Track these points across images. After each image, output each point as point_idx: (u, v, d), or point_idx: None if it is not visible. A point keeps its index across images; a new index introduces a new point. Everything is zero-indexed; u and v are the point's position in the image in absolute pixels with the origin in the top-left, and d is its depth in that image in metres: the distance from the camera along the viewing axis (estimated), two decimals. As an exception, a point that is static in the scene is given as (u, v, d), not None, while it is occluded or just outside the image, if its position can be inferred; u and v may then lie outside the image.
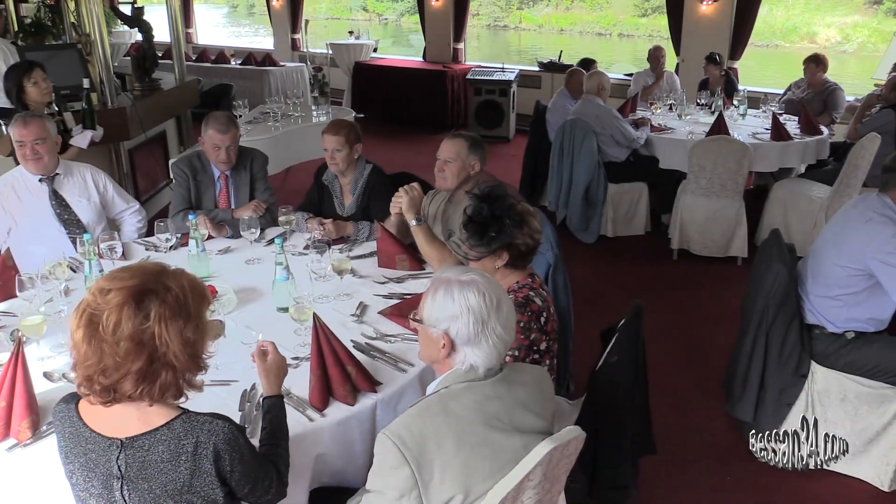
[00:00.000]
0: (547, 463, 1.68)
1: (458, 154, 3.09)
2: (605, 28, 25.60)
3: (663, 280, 5.14)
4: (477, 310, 1.65)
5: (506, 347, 1.70)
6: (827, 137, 5.87)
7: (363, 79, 10.35)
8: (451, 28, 10.15)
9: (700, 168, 5.17)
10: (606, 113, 5.60)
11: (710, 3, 7.98)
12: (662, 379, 3.78)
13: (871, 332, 2.98)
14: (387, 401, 2.18)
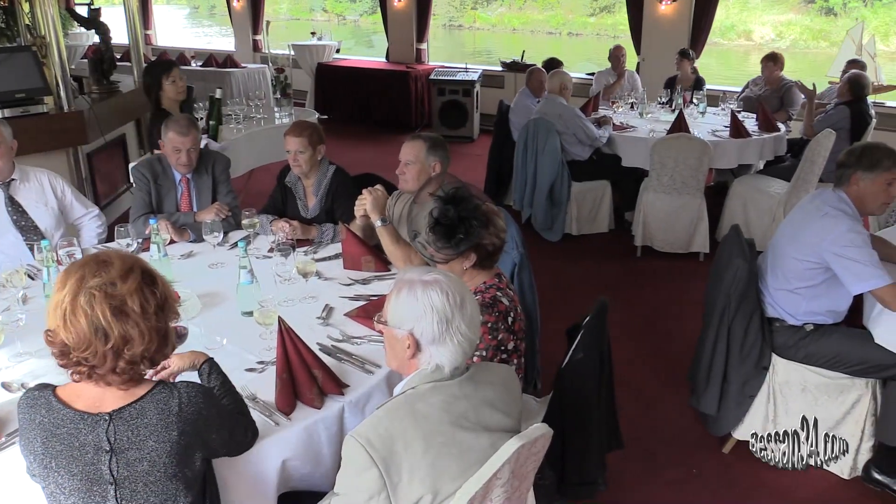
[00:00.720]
0: (515, 461, 1.69)
1: (417, 156, 3.10)
2: (555, 27, 26.25)
3: (627, 277, 5.20)
4: (440, 309, 1.65)
5: (471, 346, 1.70)
6: (784, 134, 5.99)
7: (326, 80, 10.30)
8: (414, 29, 10.16)
9: (661, 166, 5.24)
10: (569, 112, 5.65)
11: (669, 2, 8.09)
12: (628, 374, 3.82)
13: (830, 324, 3.05)
14: (354, 403, 2.17)
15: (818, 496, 3.02)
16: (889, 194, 2.91)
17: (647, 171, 5.45)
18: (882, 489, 3.00)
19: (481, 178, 6.73)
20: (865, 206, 2.94)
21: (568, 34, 25.78)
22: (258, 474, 1.97)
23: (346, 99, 10.18)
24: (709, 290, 3.29)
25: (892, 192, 2.91)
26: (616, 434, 2.74)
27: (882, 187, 2.89)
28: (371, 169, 4.27)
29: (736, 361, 3.08)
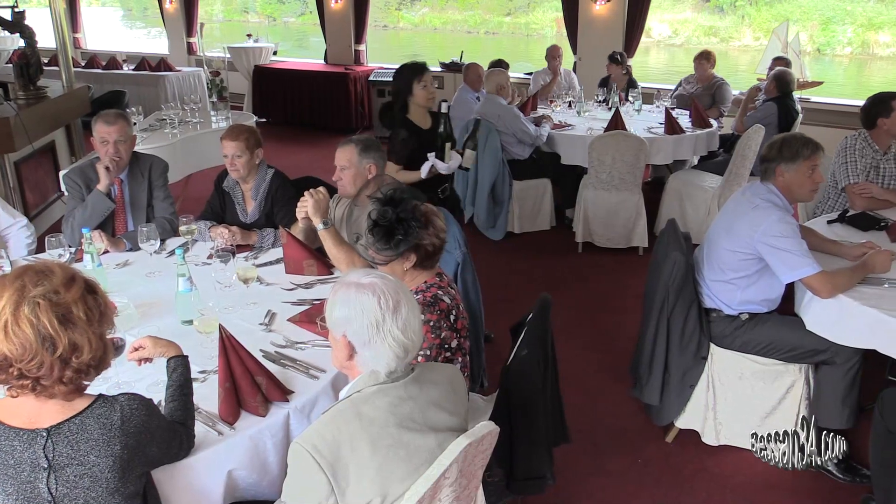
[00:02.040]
0: (462, 460, 1.70)
1: (350, 160, 3.08)
2: (473, 27, 27.17)
3: (570, 272, 5.27)
4: (371, 311, 1.65)
5: (406, 350, 1.68)
6: (716, 130, 6.17)
7: (264, 83, 10.15)
8: (352, 30, 10.10)
9: (600, 163, 5.34)
10: (508, 112, 5.70)
11: (603, 2, 8.23)
12: (572, 368, 3.88)
13: (764, 313, 3.15)
14: (300, 409, 2.15)
15: (757, 479, 3.11)
16: (814, 180, 3.02)
17: (586, 168, 5.54)
18: (817, 469, 3.12)
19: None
20: (794, 194, 3.05)
21: (485, 33, 26.71)
22: (203, 486, 1.94)
23: (284, 102, 10.06)
24: (648, 283, 3.36)
25: (817, 178, 3.03)
26: (562, 428, 2.78)
27: (806, 174, 3.00)
28: (311, 172, 4.24)
29: (676, 352, 3.15)
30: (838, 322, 2.88)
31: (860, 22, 21.29)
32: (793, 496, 3.02)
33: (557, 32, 25.24)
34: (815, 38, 21.86)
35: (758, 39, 22.49)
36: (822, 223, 3.70)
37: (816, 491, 3.04)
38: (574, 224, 5.70)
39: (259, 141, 3.45)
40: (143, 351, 2.04)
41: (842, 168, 4.01)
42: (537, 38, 25.43)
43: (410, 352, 1.69)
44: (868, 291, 2.87)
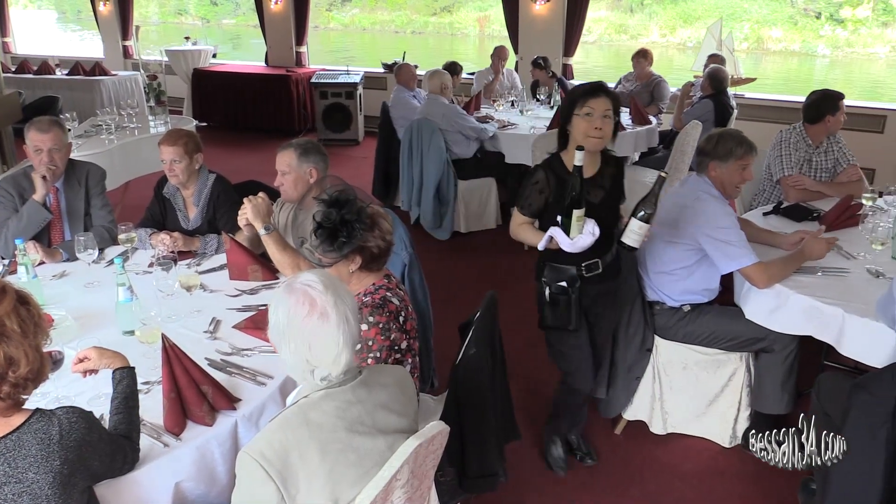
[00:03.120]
0: (413, 461, 1.70)
1: (290, 165, 3.05)
2: (400, 27, 27.85)
3: (517, 270, 5.31)
4: (283, 326, 1.64)
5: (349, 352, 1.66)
6: (655, 127, 6.30)
7: (203, 86, 9.97)
8: (293, 31, 9.99)
9: (543, 161, 5.38)
10: (451, 110, 5.72)
11: (543, 2, 8.33)
12: (521, 366, 3.92)
13: (705, 304, 3.23)
14: (248, 417, 2.12)
15: (703, 466, 3.20)
16: (743, 178, 3.12)
17: (530, 166, 5.59)
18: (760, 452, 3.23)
19: (368, 180, 6.72)
20: (724, 189, 3.14)
21: (412, 33, 27.38)
22: (150, 500, 1.90)
23: (225, 105, 9.89)
24: (593, 278, 3.41)
25: (746, 176, 3.12)
26: (513, 425, 2.80)
27: (736, 173, 3.10)
28: (254, 176, 4.17)
29: (622, 346, 3.21)
30: (775, 310, 2.97)
31: (755, 19, 22.78)
32: (738, 479, 3.11)
33: (480, 32, 26.17)
34: None
35: (664, 36, 23.86)
36: (757, 214, 3.82)
37: (761, 474, 3.14)
38: (520, 222, 5.73)
39: (198, 146, 3.39)
40: (88, 362, 1.99)
41: (777, 161, 4.14)
42: (461, 38, 26.41)
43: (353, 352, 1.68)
44: (803, 280, 2.97)
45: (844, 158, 4.17)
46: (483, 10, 26.71)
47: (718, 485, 3.09)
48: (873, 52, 21.28)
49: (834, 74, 19.81)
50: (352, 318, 1.66)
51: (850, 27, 21.67)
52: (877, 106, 7.66)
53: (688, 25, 23.97)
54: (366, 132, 9.26)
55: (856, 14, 21.31)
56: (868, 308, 2.69)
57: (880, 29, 21.81)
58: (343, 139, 9.07)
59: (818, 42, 22.15)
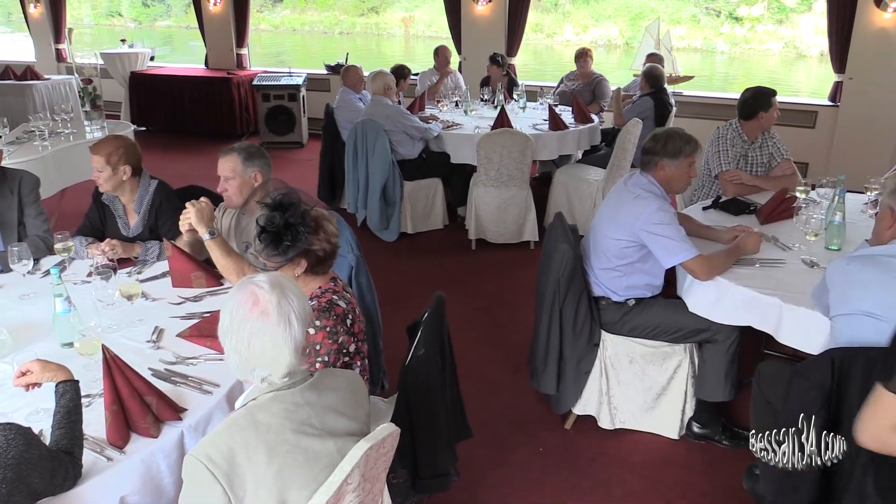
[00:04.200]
0: (364, 464, 1.69)
1: (234, 170, 3.00)
2: (328, 27, 28.26)
3: (464, 270, 5.34)
4: (227, 323, 1.64)
5: (297, 353, 1.66)
6: (598, 125, 6.40)
7: (141, 90, 9.75)
8: (233, 33, 9.84)
9: (488, 160, 5.43)
10: (396, 111, 5.71)
11: (485, 3, 8.37)
12: (471, 364, 3.93)
13: (649, 298, 3.30)
14: (194, 427, 2.08)
15: (653, 457, 3.26)
16: (689, 175, 3.20)
17: (475, 166, 5.62)
18: (705, 441, 3.31)
19: (314, 182, 6.67)
20: (672, 187, 3.22)
21: (339, 33, 27.79)
22: (94, 517, 1.84)
23: (164, 109, 9.69)
24: (539, 276, 3.45)
25: (692, 173, 3.21)
26: (464, 424, 2.82)
27: (685, 169, 3.17)
28: (197, 180, 4.09)
29: (569, 341, 3.25)
30: (717, 302, 3.05)
31: (662, 17, 23.85)
32: (686, 469, 3.18)
33: (406, 32, 26.70)
34: (624, 33, 24.34)
35: (578, 35, 24.71)
36: (697, 209, 3.91)
37: (707, 461, 3.22)
38: (466, 222, 5.77)
39: (129, 157, 3.25)
40: (31, 376, 1.93)
41: (714, 157, 4.25)
42: (387, 38, 26.85)
43: (301, 352, 1.67)
44: (742, 272, 3.05)
45: (779, 153, 4.31)
46: (409, 10, 27.23)
47: (667, 475, 3.16)
48: (768, 49, 22.58)
49: (733, 70, 20.91)
50: (295, 319, 1.64)
51: (747, 25, 22.92)
52: (809, 102, 7.93)
53: (599, 24, 25.02)
54: (310, 134, 9.18)
55: (751, 12, 22.63)
56: (804, 297, 2.77)
57: (775, 26, 23.16)
58: (287, 142, 8.98)
59: (718, 39, 23.40)
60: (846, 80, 7.14)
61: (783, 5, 22.54)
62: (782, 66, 21.68)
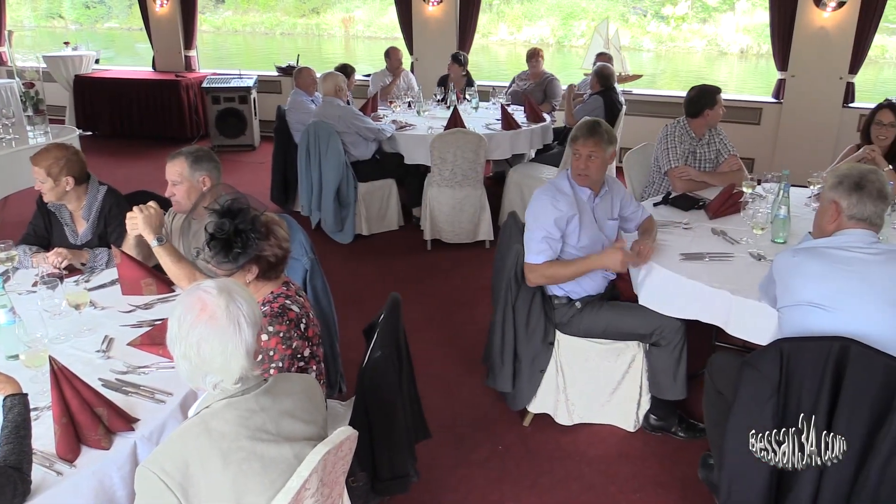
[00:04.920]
0: (322, 468, 1.68)
1: (181, 174, 2.95)
2: (269, 28, 28.36)
3: (420, 270, 5.34)
4: (175, 330, 1.61)
5: (248, 357, 1.64)
6: (550, 124, 6.46)
7: (87, 93, 9.51)
8: (181, 35, 9.67)
9: (442, 160, 5.44)
10: (348, 113, 5.68)
11: (436, 3, 8.38)
12: (428, 365, 3.94)
13: (595, 299, 3.33)
14: (147, 437, 2.04)
15: (610, 451, 3.30)
16: (576, 165, 3.24)
17: (429, 166, 5.63)
18: (662, 433, 3.37)
19: (266, 185, 6.60)
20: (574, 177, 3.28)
21: (281, 34, 27.87)
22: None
23: (111, 113, 9.47)
24: (494, 275, 3.47)
25: (578, 164, 3.23)
26: (422, 424, 2.82)
27: (571, 158, 3.25)
28: (146, 185, 4.01)
29: (524, 340, 3.27)
30: (668, 297, 3.10)
31: (592, 16, 24.64)
32: (643, 461, 3.23)
33: (345, 32, 26.93)
34: (556, 32, 25.07)
35: (512, 34, 25.31)
36: (648, 205, 3.97)
37: (664, 453, 3.27)
38: (421, 222, 5.77)
39: (70, 168, 3.15)
40: None
41: (664, 154, 4.32)
42: (328, 38, 27.04)
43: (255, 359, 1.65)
44: (692, 266, 3.12)
45: (726, 149, 4.41)
46: (348, 10, 27.44)
47: (624, 467, 3.20)
48: (692, 46, 23.49)
49: (661, 67, 21.67)
50: (245, 323, 1.62)
51: (672, 23, 23.73)
52: (753, 99, 8.13)
53: (532, 24, 25.55)
54: (262, 137, 9.07)
55: (676, 12, 23.49)
56: (752, 290, 2.84)
57: (699, 25, 24.14)
58: (238, 145, 8.86)
59: (644, 37, 24.24)
60: (789, 77, 7.33)
61: (706, 5, 23.55)
62: (706, 63, 22.59)
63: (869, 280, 2.30)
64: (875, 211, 2.38)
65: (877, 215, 2.39)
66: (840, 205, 2.41)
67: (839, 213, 2.42)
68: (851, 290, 2.30)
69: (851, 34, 6.94)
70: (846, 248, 2.36)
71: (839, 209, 2.42)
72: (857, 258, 2.33)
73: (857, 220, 2.39)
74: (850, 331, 2.20)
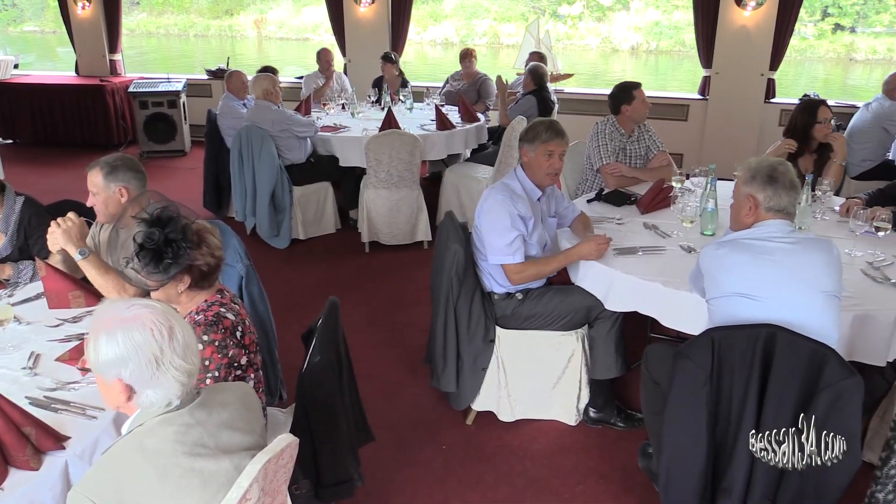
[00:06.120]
0: (263, 478, 1.66)
1: (97, 185, 2.85)
2: (183, 30, 28.50)
3: (359, 273, 5.31)
4: (147, 348, 1.52)
5: (190, 376, 1.60)
6: (484, 123, 6.51)
7: (5, 100, 9.13)
8: (105, 38, 9.38)
9: (377, 162, 5.42)
10: (281, 115, 5.61)
11: (368, 4, 8.35)
12: (371, 367, 3.92)
13: (535, 288, 3.38)
14: (80, 455, 1.97)
15: (552, 444, 3.35)
16: (551, 165, 3.28)
17: (364, 168, 5.60)
18: (601, 424, 3.43)
19: (199, 191, 6.45)
20: (536, 177, 3.32)
21: (195, 36, 28.04)
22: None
23: (33, 119, 9.12)
24: (433, 275, 3.48)
25: (554, 164, 3.28)
26: (365, 428, 2.81)
27: (543, 157, 3.27)
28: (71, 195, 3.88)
29: (465, 339, 3.29)
30: (604, 291, 3.17)
31: (493, 16, 25.60)
32: (585, 453, 3.29)
33: (258, 34, 27.01)
34: (459, 31, 25.69)
35: (419, 34, 25.89)
36: (582, 202, 4.05)
37: (604, 444, 3.33)
38: (359, 225, 5.74)
39: None
40: None
41: (595, 151, 4.40)
42: (241, 39, 27.17)
43: (194, 375, 1.61)
44: (626, 261, 3.18)
45: (655, 146, 4.52)
46: (262, 12, 27.53)
47: (567, 460, 3.25)
48: (587, 44, 24.46)
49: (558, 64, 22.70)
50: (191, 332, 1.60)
51: (569, 22, 24.72)
52: (681, 96, 8.36)
53: (437, 23, 26.22)
54: (193, 142, 8.88)
55: (571, 11, 24.52)
56: (683, 281, 2.92)
57: (594, 23, 25.23)
58: (168, 150, 8.66)
59: None
60: (713, 74, 7.56)
61: (600, 4, 24.74)
62: (601, 59, 23.53)
63: (791, 268, 2.39)
64: (789, 201, 2.48)
65: (790, 205, 2.50)
66: (756, 198, 2.50)
67: (756, 207, 2.51)
68: (775, 279, 2.38)
69: (771, 32, 7.20)
70: (766, 239, 2.45)
71: (756, 202, 2.51)
72: (777, 248, 2.42)
73: (775, 211, 2.49)
74: (777, 318, 2.28)
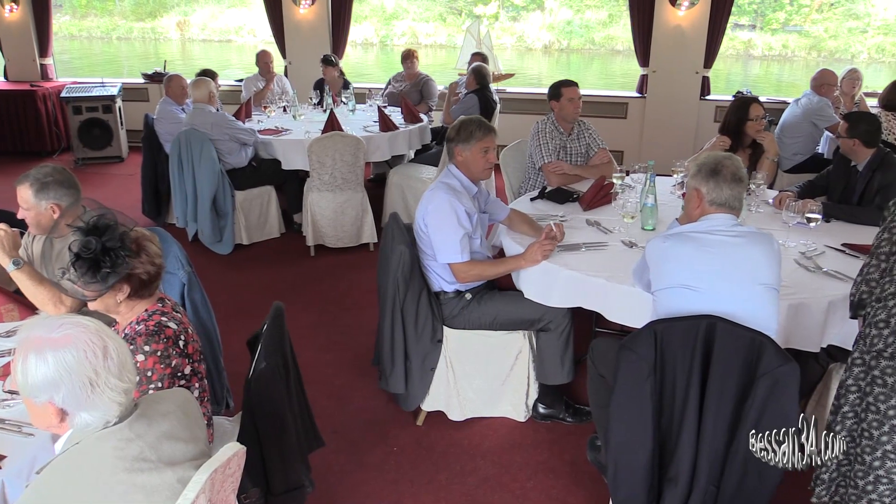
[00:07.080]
0: (210, 488, 1.63)
1: (27, 201, 2.75)
2: (105, 32, 28.08)
3: (305, 277, 5.26)
4: (80, 371, 1.47)
5: (128, 393, 1.55)
6: (427, 124, 6.52)
7: (-71, 107, 8.77)
8: (35, 42, 9.07)
9: (320, 164, 5.38)
10: (221, 118, 5.53)
11: (308, 5, 8.27)
12: (319, 371, 3.89)
13: (485, 290, 3.40)
14: (16, 474, 1.93)
15: (503, 442, 3.37)
16: (487, 160, 3.32)
17: (308, 171, 5.55)
18: (550, 420, 3.48)
19: (137, 198, 6.30)
20: (472, 172, 3.35)
21: (117, 38, 27.68)
22: None
23: (-41, 127, 8.78)
24: (380, 277, 3.47)
25: (490, 158, 3.33)
26: (314, 433, 2.78)
27: (480, 155, 3.31)
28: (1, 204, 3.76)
29: (413, 339, 3.29)
30: (549, 288, 3.20)
31: (413, 17, 26.08)
32: (535, 448, 3.32)
33: (181, 35, 26.89)
34: (378, 32, 26.03)
35: None
36: (525, 200, 4.09)
37: (553, 439, 3.38)
38: (303, 228, 5.68)
39: None
40: None
41: (536, 150, 4.45)
42: (164, 41, 27.07)
43: (131, 392, 1.56)
44: (568, 257, 3.22)
45: (595, 143, 4.59)
46: (186, 14, 27.34)
47: (517, 456, 3.28)
48: (502, 43, 24.84)
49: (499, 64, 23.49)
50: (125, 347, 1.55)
51: (486, 22, 24.99)
52: (619, 94, 8.51)
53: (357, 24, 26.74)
54: (130, 147, 8.65)
55: (486, 11, 25.01)
56: (626, 276, 2.98)
57: (510, 23, 25.86)
58: (105, 156, 8.42)
59: (459, 35, 26.46)
60: (650, 73, 7.72)
61: (515, 4, 25.43)
62: (518, 58, 24.14)
63: (733, 261, 2.45)
64: (732, 194, 2.54)
65: (734, 198, 2.55)
66: (701, 191, 2.56)
67: (701, 200, 2.57)
68: (718, 271, 2.45)
69: (704, 31, 7.39)
70: (710, 232, 2.51)
71: (701, 196, 2.57)
72: (720, 241, 2.49)
73: (718, 205, 2.55)
74: (718, 309, 2.34)
